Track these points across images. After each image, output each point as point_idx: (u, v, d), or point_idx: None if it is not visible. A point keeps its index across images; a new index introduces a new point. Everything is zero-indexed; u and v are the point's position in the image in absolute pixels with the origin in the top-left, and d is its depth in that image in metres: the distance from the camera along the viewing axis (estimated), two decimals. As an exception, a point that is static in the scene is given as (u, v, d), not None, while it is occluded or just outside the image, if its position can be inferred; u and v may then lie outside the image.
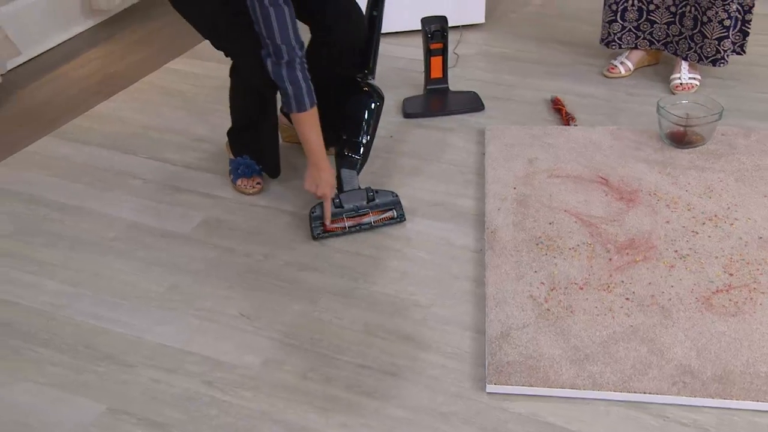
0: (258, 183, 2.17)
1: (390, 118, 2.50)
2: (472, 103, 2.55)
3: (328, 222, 1.97)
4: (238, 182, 2.18)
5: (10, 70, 2.90)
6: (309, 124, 1.89)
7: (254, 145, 2.16)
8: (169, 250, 1.95)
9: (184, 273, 1.88)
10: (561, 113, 2.48)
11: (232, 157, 2.23)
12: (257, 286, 1.83)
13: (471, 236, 1.97)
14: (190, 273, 1.88)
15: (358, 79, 2.13)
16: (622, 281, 1.77)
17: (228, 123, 2.22)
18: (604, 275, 1.79)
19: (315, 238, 1.97)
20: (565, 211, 2.01)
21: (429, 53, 2.54)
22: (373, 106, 2.10)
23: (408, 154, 2.32)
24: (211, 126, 2.51)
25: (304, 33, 1.86)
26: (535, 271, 1.81)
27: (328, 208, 1.97)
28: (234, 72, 2.06)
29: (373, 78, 2.16)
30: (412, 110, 2.54)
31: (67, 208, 2.13)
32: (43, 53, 3.06)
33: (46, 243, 1.99)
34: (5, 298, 1.81)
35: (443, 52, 2.53)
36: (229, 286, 1.83)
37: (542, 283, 1.78)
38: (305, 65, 1.84)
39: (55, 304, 1.78)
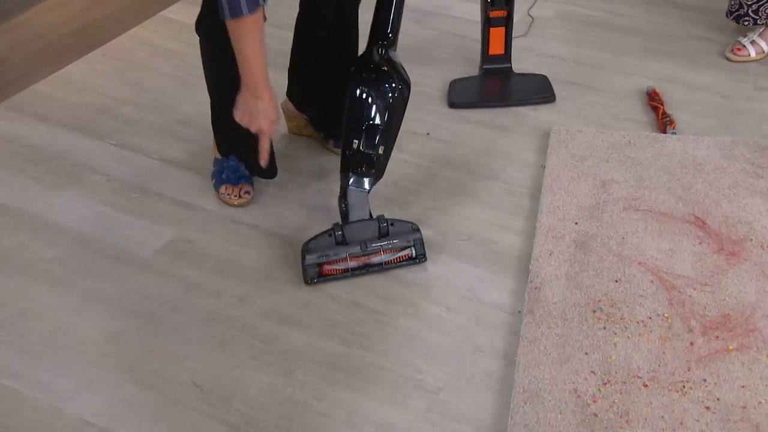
0: (246, 192, 2.05)
1: (430, 107, 2.36)
2: (540, 91, 2.40)
3: (263, 162, 1.83)
4: (221, 189, 2.06)
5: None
6: (247, 37, 1.65)
7: (239, 135, 1.94)
8: (120, 281, 1.85)
9: (133, 316, 1.77)
10: (657, 113, 2.27)
11: (218, 156, 2.09)
12: (222, 343, 1.71)
13: (508, 289, 1.81)
14: (139, 316, 1.77)
15: (373, 54, 1.87)
16: (704, 379, 1.58)
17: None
18: (681, 368, 1.60)
19: (308, 282, 1.82)
20: (639, 263, 1.82)
21: (488, 23, 2.37)
22: (392, 98, 1.84)
23: (445, 162, 2.18)
24: (201, 103, 2.37)
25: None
26: (586, 353, 1.64)
27: (265, 145, 1.81)
28: (199, 24, 1.86)
29: (395, 50, 1.91)
30: (459, 98, 2.40)
31: (3, 210, 2.05)
32: (6, -9, 3.01)
33: (-31, 260, 1.92)
34: None
35: (507, 21, 2.37)
36: (185, 339, 1.72)
37: (593, 371, 1.60)
38: None
39: (-39, 351, 1.71)
